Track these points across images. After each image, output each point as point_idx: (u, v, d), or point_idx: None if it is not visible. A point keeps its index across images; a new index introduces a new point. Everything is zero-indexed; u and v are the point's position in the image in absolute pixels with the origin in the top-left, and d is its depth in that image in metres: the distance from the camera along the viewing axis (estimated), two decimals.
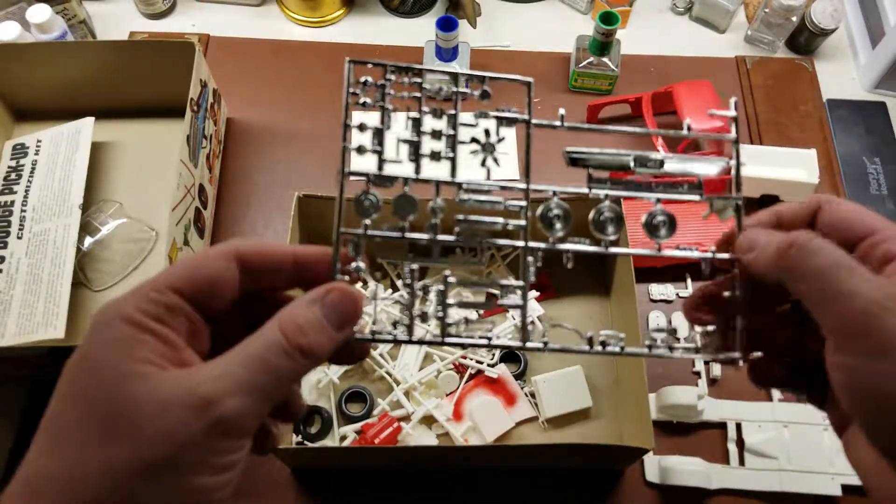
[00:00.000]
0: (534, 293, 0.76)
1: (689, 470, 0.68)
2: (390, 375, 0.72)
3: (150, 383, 0.25)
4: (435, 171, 0.34)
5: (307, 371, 0.28)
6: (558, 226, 0.34)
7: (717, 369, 0.74)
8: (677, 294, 0.79)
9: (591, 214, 0.34)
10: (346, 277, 0.31)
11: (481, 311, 0.75)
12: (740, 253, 0.32)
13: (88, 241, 0.77)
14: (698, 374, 0.74)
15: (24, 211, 0.74)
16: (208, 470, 0.25)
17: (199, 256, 0.28)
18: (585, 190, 0.34)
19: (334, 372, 0.71)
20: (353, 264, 0.31)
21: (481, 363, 0.72)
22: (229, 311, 0.29)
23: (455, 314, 0.69)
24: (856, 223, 0.30)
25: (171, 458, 0.24)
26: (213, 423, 0.24)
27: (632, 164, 0.34)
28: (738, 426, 0.71)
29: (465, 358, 0.72)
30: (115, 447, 0.24)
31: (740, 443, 0.71)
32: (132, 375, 0.25)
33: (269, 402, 0.26)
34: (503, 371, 0.72)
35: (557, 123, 0.35)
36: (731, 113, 0.35)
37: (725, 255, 0.33)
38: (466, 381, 0.72)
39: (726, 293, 0.33)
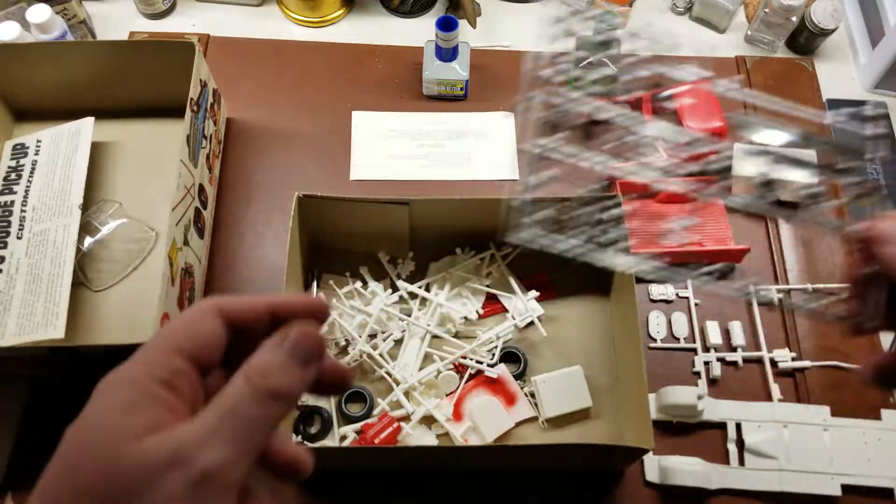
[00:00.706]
0: (533, 293, 0.76)
1: (688, 470, 0.68)
2: (390, 375, 0.72)
3: (140, 448, 0.25)
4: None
5: (284, 413, 0.28)
6: None
7: (716, 369, 0.74)
8: (677, 294, 0.79)
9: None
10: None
11: (480, 311, 0.75)
12: (879, 243, 0.36)
13: (88, 241, 0.77)
14: (698, 374, 0.74)
15: (24, 211, 0.74)
16: None
17: (192, 316, 0.29)
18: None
19: None
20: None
21: (481, 363, 0.72)
22: (216, 365, 0.30)
23: (455, 315, 0.69)
24: None
25: None
26: (196, 478, 0.25)
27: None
28: (738, 426, 0.71)
29: (465, 358, 0.72)
30: None
31: (740, 443, 0.71)
32: (125, 439, 0.25)
33: (250, 451, 0.27)
34: (503, 371, 0.72)
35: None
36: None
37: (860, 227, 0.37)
38: (466, 381, 0.72)
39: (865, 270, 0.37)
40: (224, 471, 0.25)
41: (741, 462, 0.70)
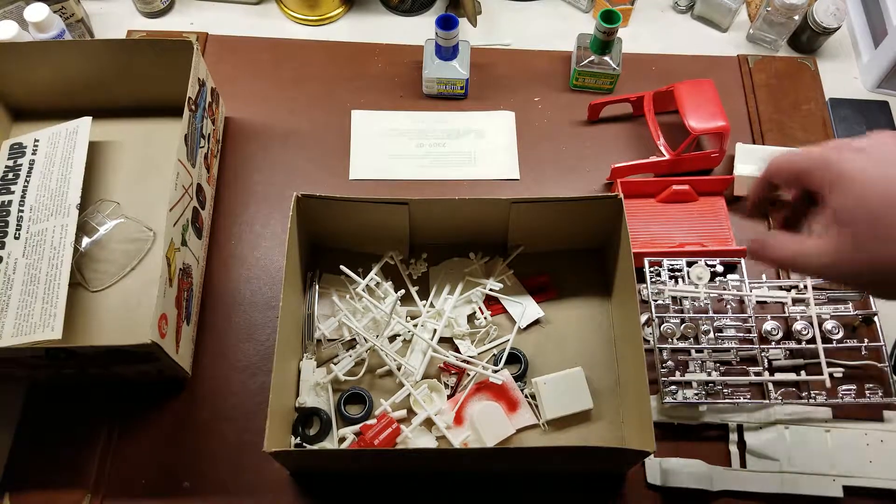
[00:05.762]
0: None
1: (690, 472, 0.68)
2: (393, 376, 0.71)
3: None
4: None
5: None
6: None
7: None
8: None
9: None
10: None
11: (488, 316, 0.75)
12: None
13: (86, 241, 0.77)
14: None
15: (22, 211, 0.74)
16: None
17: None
18: None
19: (341, 368, 0.71)
20: None
21: (486, 369, 0.71)
22: None
23: (462, 319, 0.68)
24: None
25: None
26: None
27: None
28: (740, 428, 0.71)
29: (468, 363, 0.72)
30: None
31: (741, 444, 0.70)
32: None
33: None
34: (507, 377, 0.71)
35: None
36: None
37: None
38: (468, 386, 0.72)
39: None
40: None
41: (742, 464, 0.70)
